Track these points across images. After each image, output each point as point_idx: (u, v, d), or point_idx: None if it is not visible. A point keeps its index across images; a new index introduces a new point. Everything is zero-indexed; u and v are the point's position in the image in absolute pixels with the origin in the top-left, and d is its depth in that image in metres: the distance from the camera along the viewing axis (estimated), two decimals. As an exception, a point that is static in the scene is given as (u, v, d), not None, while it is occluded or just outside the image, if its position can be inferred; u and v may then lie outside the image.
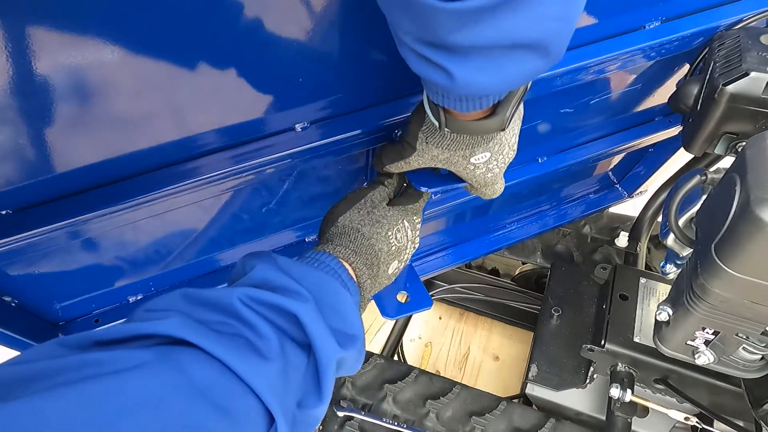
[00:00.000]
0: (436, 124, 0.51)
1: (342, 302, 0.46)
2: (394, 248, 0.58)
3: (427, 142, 0.55)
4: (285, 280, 0.43)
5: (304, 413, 0.40)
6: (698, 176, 0.66)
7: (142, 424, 0.29)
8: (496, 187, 0.63)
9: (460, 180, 0.61)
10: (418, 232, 0.62)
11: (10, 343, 0.62)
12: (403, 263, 0.61)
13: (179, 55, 0.47)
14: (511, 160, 0.59)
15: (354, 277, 0.53)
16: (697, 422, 0.94)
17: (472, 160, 0.56)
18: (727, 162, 0.64)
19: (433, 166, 0.58)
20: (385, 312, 0.63)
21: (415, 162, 0.58)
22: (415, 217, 0.61)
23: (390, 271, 0.59)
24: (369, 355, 1.12)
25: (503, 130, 0.50)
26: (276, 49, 0.51)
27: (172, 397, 0.31)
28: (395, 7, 0.37)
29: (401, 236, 0.59)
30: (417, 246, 0.62)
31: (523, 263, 1.53)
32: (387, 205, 0.60)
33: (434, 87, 0.44)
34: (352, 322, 0.46)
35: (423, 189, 0.61)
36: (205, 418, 0.32)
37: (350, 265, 0.53)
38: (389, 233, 0.57)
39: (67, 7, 0.39)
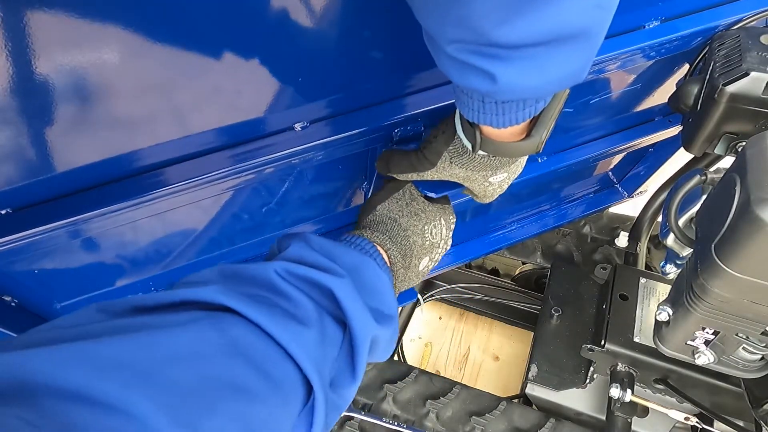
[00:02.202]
0: (469, 146, 0.51)
1: (378, 281, 0.46)
2: (428, 243, 0.58)
3: (451, 162, 0.55)
4: (320, 258, 0.43)
5: (337, 393, 0.39)
6: (698, 176, 0.66)
7: (185, 374, 0.30)
8: (495, 197, 0.63)
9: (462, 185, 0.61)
10: (451, 233, 0.62)
11: (10, 343, 0.62)
12: (433, 262, 0.61)
13: (179, 55, 0.47)
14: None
15: (388, 263, 0.53)
16: (697, 422, 0.94)
17: (491, 179, 0.57)
18: (727, 162, 0.64)
19: (447, 179, 0.58)
20: None
21: (430, 177, 0.58)
22: (451, 217, 0.62)
23: (421, 267, 0.59)
24: (369, 355, 1.12)
25: (538, 152, 0.50)
26: (276, 49, 0.51)
27: (215, 354, 0.32)
28: (438, 9, 0.36)
29: (436, 233, 0.59)
30: (449, 246, 0.62)
31: (523, 263, 1.53)
32: (426, 199, 0.61)
33: (471, 100, 0.43)
34: (388, 302, 0.45)
35: (430, 194, 0.61)
36: (245, 377, 0.32)
37: (386, 252, 0.53)
38: (425, 227, 0.58)
39: (66, 5, 0.39)
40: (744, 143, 0.62)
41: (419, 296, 1.52)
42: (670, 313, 0.68)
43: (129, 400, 0.26)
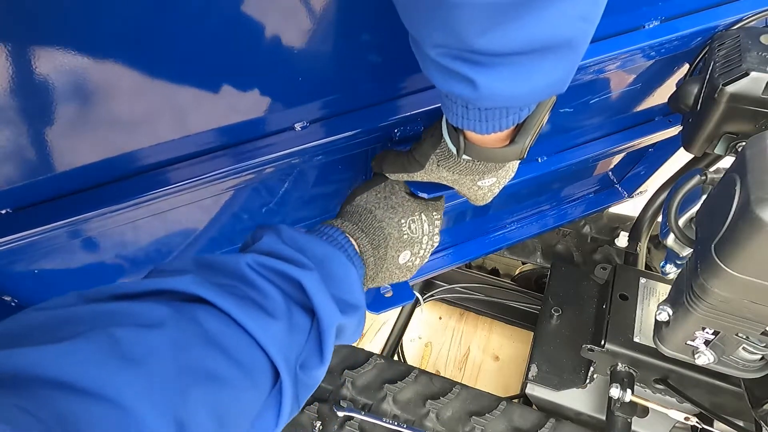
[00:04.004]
0: (454, 150, 0.52)
1: (345, 273, 0.47)
2: (405, 237, 0.58)
3: (438, 165, 0.56)
4: (290, 251, 0.44)
5: (307, 374, 0.42)
6: (698, 176, 0.66)
7: (165, 363, 0.32)
8: (488, 200, 0.63)
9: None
10: (437, 229, 0.62)
11: (10, 343, 0.62)
12: (419, 258, 0.61)
13: (179, 55, 0.47)
14: (509, 180, 0.60)
15: (360, 253, 0.54)
16: (697, 422, 0.94)
17: (479, 183, 0.57)
18: (727, 162, 0.64)
19: (436, 181, 0.58)
20: (371, 307, 0.65)
21: (420, 178, 0.58)
22: (434, 213, 0.62)
23: (401, 261, 0.59)
24: (369, 355, 1.12)
25: (521, 159, 0.50)
26: (276, 49, 0.51)
27: (190, 343, 0.34)
28: (422, 13, 0.36)
29: (416, 227, 0.59)
30: (436, 243, 0.63)
31: (523, 263, 1.53)
32: (408, 194, 0.61)
33: (455, 105, 0.44)
34: (354, 292, 0.47)
35: (421, 194, 0.61)
36: (219, 365, 0.35)
37: (356, 241, 0.54)
38: (402, 221, 0.58)
39: (68, 9, 0.40)
40: (744, 143, 0.62)
41: (419, 296, 1.52)
42: (670, 313, 0.68)
43: (115, 390, 0.29)
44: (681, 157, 0.97)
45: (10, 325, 0.32)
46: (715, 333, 0.64)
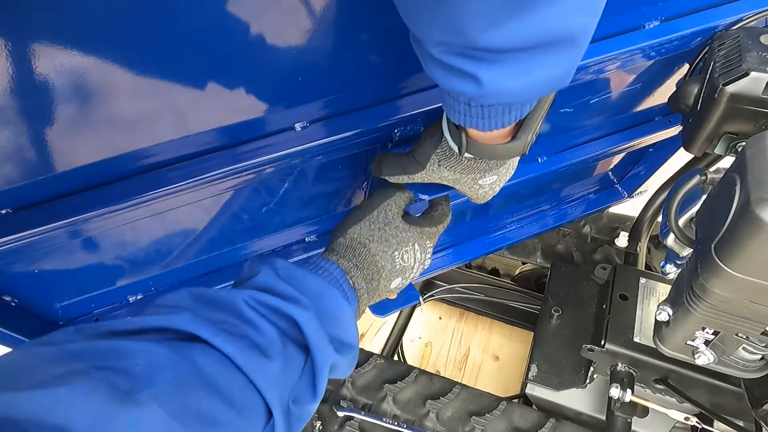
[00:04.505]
0: (456, 148, 0.51)
1: (341, 312, 0.48)
2: (398, 267, 0.59)
3: (439, 165, 0.56)
4: (286, 288, 0.45)
5: (299, 408, 0.42)
6: (698, 176, 0.66)
7: (161, 407, 0.32)
8: (489, 198, 0.63)
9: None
10: (429, 255, 0.62)
11: (11, 343, 0.62)
12: (408, 280, 0.61)
13: (179, 55, 0.47)
14: (509, 178, 0.60)
15: (354, 289, 0.54)
16: (697, 422, 0.94)
17: (480, 182, 0.57)
18: (727, 162, 0.64)
19: (437, 182, 0.58)
20: (376, 311, 0.64)
21: (420, 179, 0.58)
22: (428, 242, 0.62)
23: (392, 286, 0.59)
24: (369, 355, 1.12)
25: (524, 155, 0.50)
26: (276, 49, 0.51)
27: (188, 387, 0.34)
28: (424, 12, 0.36)
29: (408, 257, 0.59)
30: (427, 266, 0.63)
31: (523, 263, 1.53)
32: (403, 219, 0.60)
33: (457, 103, 0.44)
34: (348, 332, 0.48)
35: (423, 196, 0.61)
36: (215, 408, 0.35)
37: (351, 278, 0.54)
38: (395, 253, 0.58)
39: (68, 11, 0.40)
40: (744, 143, 0.62)
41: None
42: (670, 313, 0.68)
43: None
44: (681, 157, 0.97)
45: (8, 363, 0.32)
46: (715, 333, 0.64)
